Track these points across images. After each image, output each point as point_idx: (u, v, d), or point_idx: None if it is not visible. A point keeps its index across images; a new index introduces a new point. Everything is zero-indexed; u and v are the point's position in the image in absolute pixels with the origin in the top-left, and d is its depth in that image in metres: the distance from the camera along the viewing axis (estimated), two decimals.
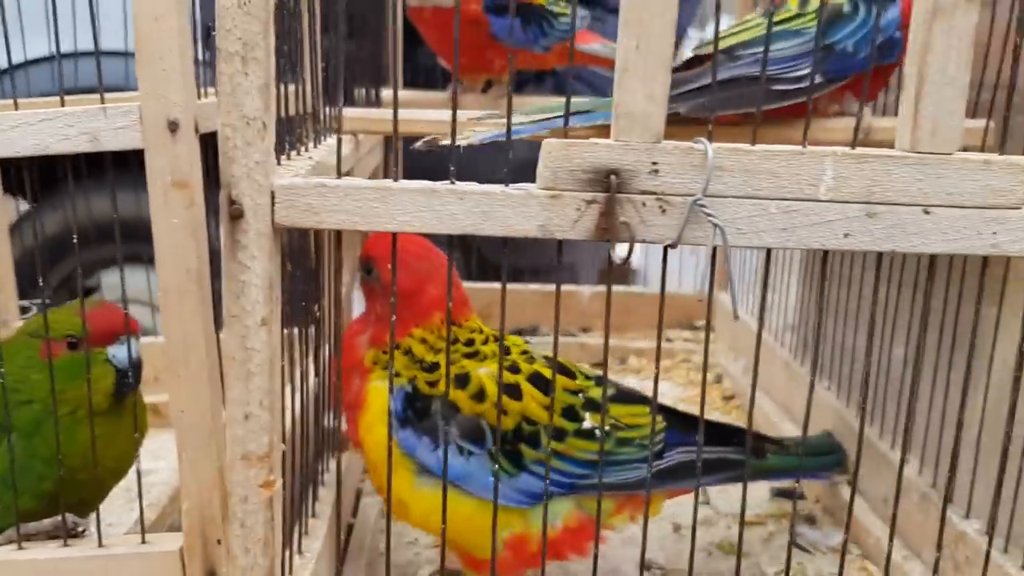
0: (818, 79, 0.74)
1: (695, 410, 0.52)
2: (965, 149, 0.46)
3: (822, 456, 0.85)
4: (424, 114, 0.79)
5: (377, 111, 0.80)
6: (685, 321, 1.41)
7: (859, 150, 0.45)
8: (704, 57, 0.79)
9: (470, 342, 0.67)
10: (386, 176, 1.12)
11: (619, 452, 0.67)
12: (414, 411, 0.64)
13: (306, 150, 0.61)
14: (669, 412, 0.75)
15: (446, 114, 0.79)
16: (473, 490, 0.63)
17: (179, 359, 0.58)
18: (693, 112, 0.69)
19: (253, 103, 0.44)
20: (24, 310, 1.09)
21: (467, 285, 1.24)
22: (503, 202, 0.46)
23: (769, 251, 0.48)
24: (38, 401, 0.64)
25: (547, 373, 0.66)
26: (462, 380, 0.64)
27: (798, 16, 0.76)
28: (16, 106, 0.60)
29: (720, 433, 0.74)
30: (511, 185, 0.46)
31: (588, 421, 0.66)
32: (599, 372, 0.67)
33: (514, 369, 0.66)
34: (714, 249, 0.46)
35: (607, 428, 0.67)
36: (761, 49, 0.75)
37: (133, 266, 1.53)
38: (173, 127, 0.57)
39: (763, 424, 1.10)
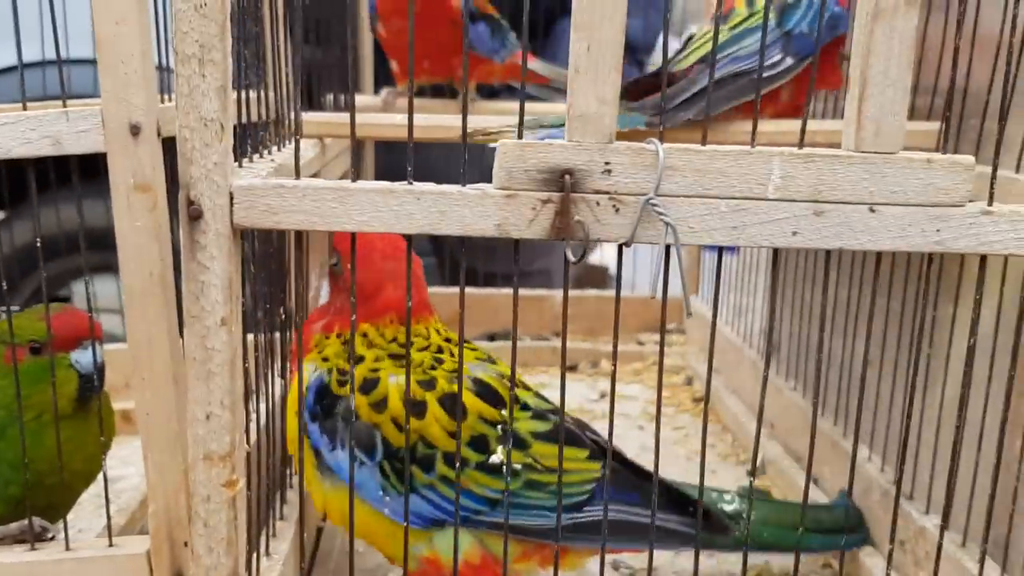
0: (789, 61, 0.82)
1: (666, 419, 0.52)
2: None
3: (834, 534, 0.74)
4: (390, 118, 0.80)
5: (341, 115, 0.80)
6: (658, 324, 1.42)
7: (806, 150, 0.46)
8: (684, 71, 0.86)
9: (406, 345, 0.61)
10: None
11: (526, 494, 0.63)
12: (321, 407, 0.64)
13: (269, 154, 0.62)
14: (623, 461, 0.69)
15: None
16: (365, 498, 0.63)
17: (144, 362, 0.59)
18: (699, 116, 0.77)
19: (210, 104, 0.45)
20: None
21: (439, 290, 1.25)
22: (459, 201, 0.47)
23: (722, 250, 0.49)
24: (2, 407, 0.65)
25: (467, 397, 0.63)
26: (369, 385, 0.63)
27: (751, 16, 0.84)
28: None
29: (675, 498, 0.69)
30: (468, 185, 0.47)
31: (498, 455, 0.62)
32: (552, 404, 0.67)
33: (429, 385, 0.63)
34: (667, 248, 0.47)
35: (518, 467, 0.64)
36: (733, 49, 0.83)
37: (104, 275, 1.55)
38: (135, 130, 0.57)
39: (732, 426, 1.12)
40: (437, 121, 0.78)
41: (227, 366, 0.47)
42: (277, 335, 0.70)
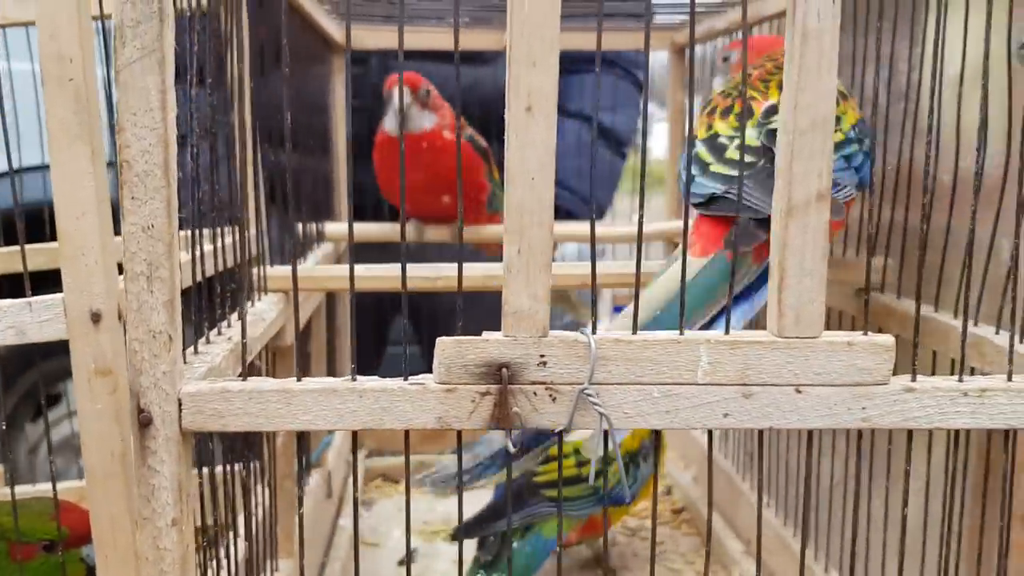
0: (851, 190, 0.75)
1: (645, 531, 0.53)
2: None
3: None
4: (367, 270, 0.82)
5: (305, 268, 0.83)
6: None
7: (731, 337, 0.48)
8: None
9: None
10: (330, 330, 1.17)
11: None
12: None
13: (228, 325, 0.64)
14: None
15: (384, 268, 0.83)
16: None
17: (107, 541, 0.60)
18: None
19: (159, 318, 0.47)
20: None
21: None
22: (401, 397, 0.48)
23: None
24: None
25: None
26: None
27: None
28: None
29: None
30: (409, 379, 0.49)
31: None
32: None
33: None
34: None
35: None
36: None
37: None
38: (96, 318, 0.59)
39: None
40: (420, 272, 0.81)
41: (178, 564, 0.48)
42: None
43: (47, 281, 0.64)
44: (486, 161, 1.21)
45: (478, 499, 0.98)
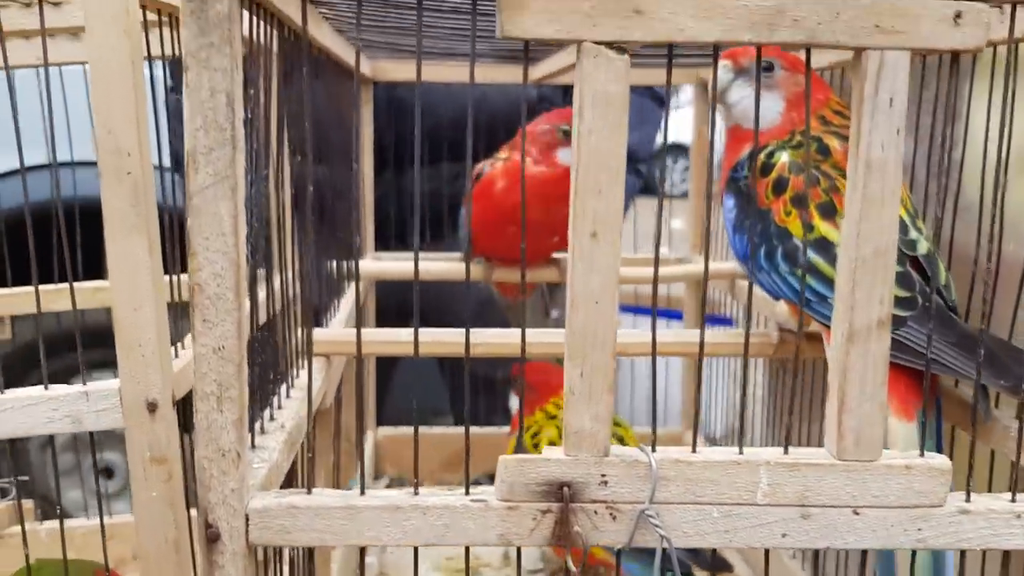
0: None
1: None
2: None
3: None
4: (395, 333, 0.83)
5: (345, 333, 0.83)
6: None
7: (791, 458, 0.49)
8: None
9: (553, 416, 1.08)
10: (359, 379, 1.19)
11: None
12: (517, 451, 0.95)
13: (279, 407, 0.65)
14: None
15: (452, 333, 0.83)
16: None
17: None
18: None
19: (228, 437, 0.47)
20: (3, 492, 1.11)
21: (452, 431, 1.39)
22: (463, 515, 0.49)
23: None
24: None
25: None
26: (535, 435, 1.06)
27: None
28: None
29: None
30: (471, 495, 0.50)
31: None
32: None
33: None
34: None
35: None
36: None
37: (102, 371, 1.61)
38: (152, 407, 0.60)
39: None
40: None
41: None
42: None
43: None
44: None
45: None
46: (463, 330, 0.53)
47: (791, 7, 0.46)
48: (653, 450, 0.49)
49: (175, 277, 0.68)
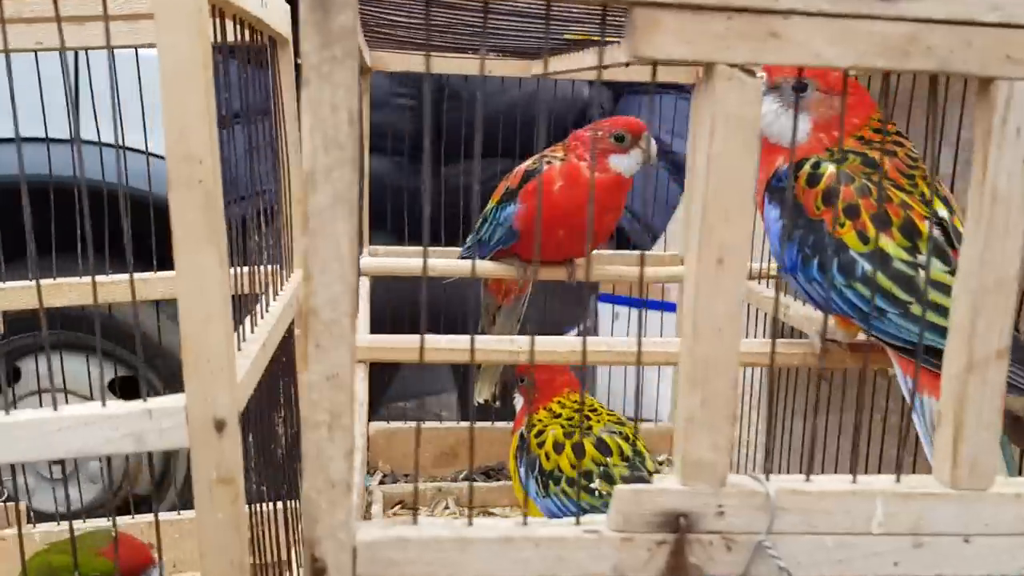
0: None
1: None
2: None
3: None
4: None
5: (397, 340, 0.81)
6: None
7: (904, 487, 0.49)
8: None
9: (558, 415, 1.09)
10: None
11: (604, 511, 0.92)
12: (520, 447, 1.12)
13: None
14: None
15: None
16: (532, 497, 1.07)
17: None
18: None
19: (338, 467, 0.45)
20: None
21: (445, 426, 1.34)
22: (576, 547, 0.48)
23: None
24: None
25: (587, 446, 1.02)
26: (539, 433, 1.06)
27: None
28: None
29: None
30: (583, 524, 0.48)
31: (596, 484, 0.99)
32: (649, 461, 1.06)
33: (569, 435, 1.03)
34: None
35: (603, 493, 0.99)
36: None
37: (71, 353, 1.59)
38: (220, 426, 0.57)
39: None
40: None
41: None
42: None
43: None
44: None
45: None
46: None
47: (925, 35, 0.45)
48: (767, 478, 0.49)
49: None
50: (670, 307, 1.66)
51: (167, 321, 1.66)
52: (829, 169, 0.76)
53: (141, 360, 1.77)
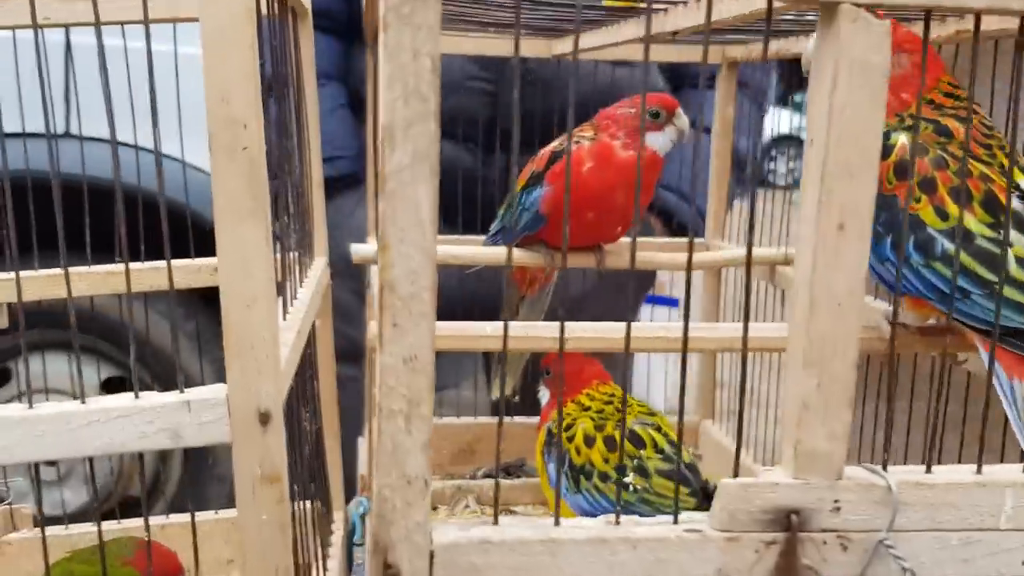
0: None
1: None
2: None
3: None
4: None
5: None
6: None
7: None
8: None
9: (587, 408, 1.02)
10: None
11: (640, 506, 0.92)
12: (547, 442, 1.03)
13: None
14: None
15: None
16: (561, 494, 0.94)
17: None
18: None
19: (416, 462, 0.40)
20: None
21: (462, 421, 1.28)
22: (678, 548, 0.43)
23: None
24: None
25: (640, 435, 0.96)
26: (569, 427, 0.99)
27: None
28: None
29: None
30: (682, 523, 0.43)
31: (629, 478, 0.94)
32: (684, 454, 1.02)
33: (600, 428, 0.97)
34: None
35: (638, 487, 0.93)
36: None
37: (54, 353, 1.53)
38: (264, 419, 0.52)
39: None
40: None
41: None
42: None
43: None
44: None
45: None
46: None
47: None
48: (885, 469, 0.44)
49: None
50: (672, 302, 1.62)
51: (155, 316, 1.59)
52: (901, 139, 0.70)
53: (134, 358, 1.71)
